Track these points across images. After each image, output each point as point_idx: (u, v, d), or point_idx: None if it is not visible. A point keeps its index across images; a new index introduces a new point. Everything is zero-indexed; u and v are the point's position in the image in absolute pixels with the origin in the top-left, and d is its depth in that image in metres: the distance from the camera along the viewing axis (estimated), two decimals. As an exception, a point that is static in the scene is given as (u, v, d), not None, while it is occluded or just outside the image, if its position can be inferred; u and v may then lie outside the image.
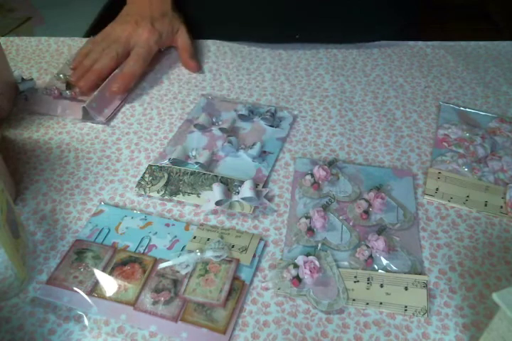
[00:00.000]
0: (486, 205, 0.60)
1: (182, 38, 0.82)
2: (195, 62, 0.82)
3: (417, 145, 0.69)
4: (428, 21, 0.93)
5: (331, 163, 0.64)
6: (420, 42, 0.88)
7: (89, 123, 0.71)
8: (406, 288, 0.52)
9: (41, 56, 0.84)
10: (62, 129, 0.70)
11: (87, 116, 0.71)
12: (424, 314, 0.50)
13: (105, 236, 0.55)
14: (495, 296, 0.39)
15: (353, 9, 0.83)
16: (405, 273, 0.53)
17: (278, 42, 0.87)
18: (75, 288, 0.50)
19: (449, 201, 0.61)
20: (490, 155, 0.66)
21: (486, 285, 0.53)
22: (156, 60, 0.82)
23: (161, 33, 0.80)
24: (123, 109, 0.74)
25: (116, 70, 0.76)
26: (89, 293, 0.50)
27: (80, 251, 0.53)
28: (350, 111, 0.74)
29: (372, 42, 0.87)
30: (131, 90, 0.76)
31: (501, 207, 0.60)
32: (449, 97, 0.77)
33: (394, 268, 0.54)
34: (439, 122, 0.72)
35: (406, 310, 0.50)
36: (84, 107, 0.69)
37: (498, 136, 0.69)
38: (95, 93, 0.71)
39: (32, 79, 0.75)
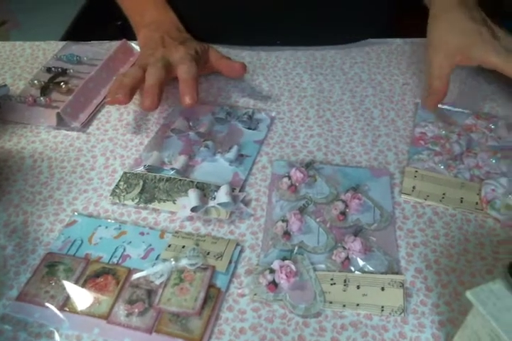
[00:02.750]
0: (461, 202, 0.60)
1: (212, 50, 0.76)
2: (240, 62, 0.74)
3: (394, 144, 0.68)
4: (406, 18, 0.92)
5: (308, 165, 0.64)
6: (398, 40, 0.88)
7: (63, 131, 0.71)
8: (383, 289, 0.52)
9: (15, 61, 0.83)
10: (36, 138, 0.70)
11: (61, 122, 0.70)
12: (401, 313, 0.50)
13: (78, 248, 0.55)
14: (468, 294, 0.39)
15: (333, 12, 0.82)
16: (382, 273, 0.53)
17: (258, 45, 0.86)
18: (47, 304, 0.50)
19: (425, 199, 0.61)
20: (465, 152, 0.66)
21: (461, 282, 0.53)
22: (132, 63, 0.82)
23: (196, 48, 0.72)
24: (98, 115, 0.73)
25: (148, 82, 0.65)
26: (61, 308, 0.49)
27: (51, 265, 0.53)
28: (328, 111, 0.74)
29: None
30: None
31: (477, 203, 0.60)
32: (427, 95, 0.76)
33: (370, 268, 0.54)
34: (416, 120, 0.72)
35: (383, 310, 0.50)
36: (58, 113, 0.69)
37: (474, 133, 0.69)
38: (70, 98, 0.70)
39: (5, 86, 0.74)
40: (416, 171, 0.63)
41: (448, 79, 0.67)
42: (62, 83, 0.75)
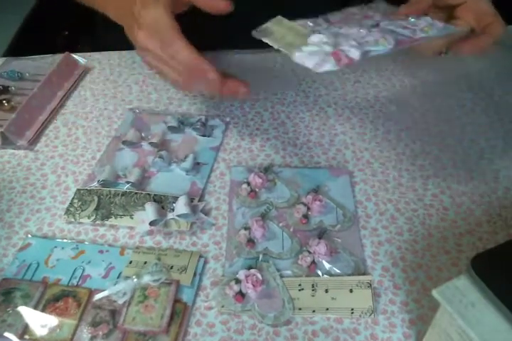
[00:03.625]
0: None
1: None
2: None
3: (352, 142, 0.68)
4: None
5: (267, 169, 0.63)
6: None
7: (9, 150, 0.67)
8: (351, 291, 0.51)
9: (-46, 80, 0.79)
10: (-20, 159, 0.66)
11: (6, 141, 0.67)
12: (371, 314, 0.50)
13: (34, 272, 0.52)
14: (434, 293, 0.39)
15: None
16: (349, 275, 0.53)
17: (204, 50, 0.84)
18: (5, 334, 0.47)
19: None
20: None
21: (428, 277, 0.53)
22: (77, 76, 0.79)
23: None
24: (46, 131, 0.70)
25: None
26: (21, 337, 0.47)
27: (7, 292, 0.50)
28: (283, 113, 0.74)
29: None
30: (54, 111, 0.73)
31: None
32: (379, 91, 0.77)
33: (337, 271, 0.53)
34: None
35: (352, 312, 0.50)
36: (2, 132, 0.66)
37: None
38: (13, 116, 0.67)
39: None
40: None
41: None
42: (4, 101, 0.72)
